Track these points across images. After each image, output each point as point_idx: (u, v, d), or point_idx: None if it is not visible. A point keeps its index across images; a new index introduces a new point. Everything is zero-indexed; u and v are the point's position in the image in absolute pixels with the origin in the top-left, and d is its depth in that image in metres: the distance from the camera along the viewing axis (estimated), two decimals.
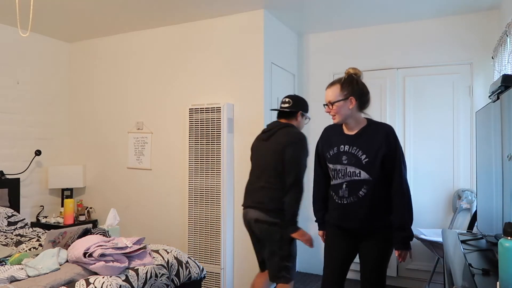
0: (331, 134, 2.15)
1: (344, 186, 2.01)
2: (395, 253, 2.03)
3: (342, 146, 2.04)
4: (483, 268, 1.62)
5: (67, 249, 2.36)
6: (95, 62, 4.41)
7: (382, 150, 1.96)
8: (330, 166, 2.09)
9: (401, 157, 1.99)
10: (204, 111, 3.52)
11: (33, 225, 3.94)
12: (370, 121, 2.08)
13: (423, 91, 3.70)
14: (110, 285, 2.03)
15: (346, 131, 2.08)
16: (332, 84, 2.06)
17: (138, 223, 4.08)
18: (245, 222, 2.54)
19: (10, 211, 3.52)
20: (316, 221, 2.29)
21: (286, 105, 2.55)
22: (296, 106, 2.54)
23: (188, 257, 2.69)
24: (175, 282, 2.48)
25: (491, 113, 1.90)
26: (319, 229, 2.29)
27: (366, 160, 1.97)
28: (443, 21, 3.62)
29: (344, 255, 2.12)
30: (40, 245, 2.83)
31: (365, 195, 1.98)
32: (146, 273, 2.27)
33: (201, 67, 3.74)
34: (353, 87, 2.01)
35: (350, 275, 3.84)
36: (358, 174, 1.98)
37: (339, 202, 2.05)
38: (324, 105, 2.09)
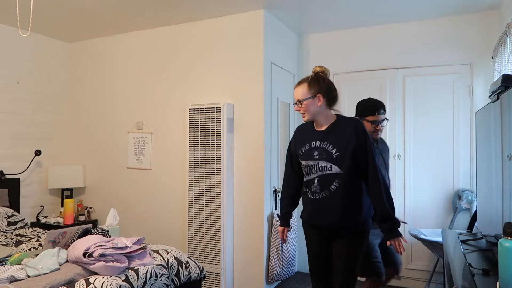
0: (303, 132, 2.20)
1: (316, 181, 2.05)
2: (388, 245, 2.03)
3: (314, 142, 2.09)
4: (483, 268, 1.62)
5: (67, 249, 2.36)
6: (95, 62, 4.41)
7: (351, 143, 2.00)
8: (303, 162, 2.13)
9: (372, 148, 2.04)
10: (204, 111, 3.52)
11: (33, 225, 3.94)
12: (339, 117, 2.13)
13: (423, 91, 3.69)
14: (110, 285, 2.03)
15: (316, 128, 2.14)
16: (300, 82, 2.13)
17: (138, 223, 4.08)
18: None
19: (10, 211, 3.52)
20: (280, 216, 2.33)
21: None
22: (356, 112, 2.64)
23: (188, 257, 2.69)
24: (175, 282, 2.48)
25: (491, 113, 1.90)
26: (280, 225, 2.32)
27: (337, 154, 2.01)
28: (443, 21, 3.62)
29: (323, 253, 2.15)
30: (40, 245, 2.83)
31: (337, 189, 2.01)
32: (146, 273, 2.27)
33: (201, 67, 3.74)
34: (320, 85, 2.07)
35: None
36: (330, 168, 2.02)
37: (312, 197, 2.09)
38: (294, 103, 2.14)
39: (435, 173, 3.63)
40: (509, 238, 1.30)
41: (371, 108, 2.53)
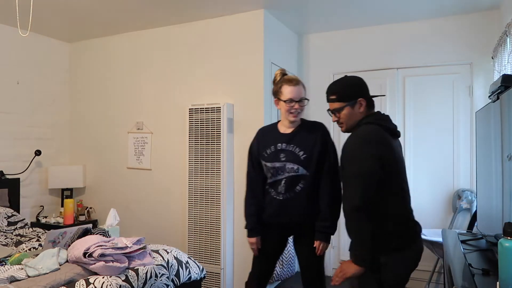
0: (266, 135, 2.20)
1: (283, 182, 2.08)
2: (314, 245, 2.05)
3: (280, 144, 2.11)
4: (483, 268, 1.62)
5: (67, 249, 2.36)
6: (95, 62, 4.41)
7: (317, 147, 2.06)
8: (268, 164, 2.12)
9: (333, 153, 2.09)
10: (204, 111, 3.52)
11: (33, 225, 3.94)
12: (304, 120, 2.17)
13: (423, 91, 3.69)
14: (110, 285, 2.03)
15: (281, 130, 2.15)
16: (298, 81, 2.09)
17: (138, 223, 4.07)
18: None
19: (10, 211, 3.52)
20: (246, 226, 2.20)
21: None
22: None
23: (188, 257, 2.69)
24: (175, 282, 2.48)
25: (491, 113, 1.90)
26: (250, 236, 2.17)
27: (304, 156, 2.05)
28: (443, 21, 3.62)
29: (275, 251, 2.20)
30: (40, 245, 2.83)
31: (302, 190, 2.05)
32: (146, 273, 2.27)
33: (201, 67, 3.74)
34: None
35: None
36: (297, 170, 2.05)
37: (276, 197, 2.10)
38: (295, 101, 2.05)
39: (435, 173, 3.63)
40: (509, 238, 1.30)
41: None
